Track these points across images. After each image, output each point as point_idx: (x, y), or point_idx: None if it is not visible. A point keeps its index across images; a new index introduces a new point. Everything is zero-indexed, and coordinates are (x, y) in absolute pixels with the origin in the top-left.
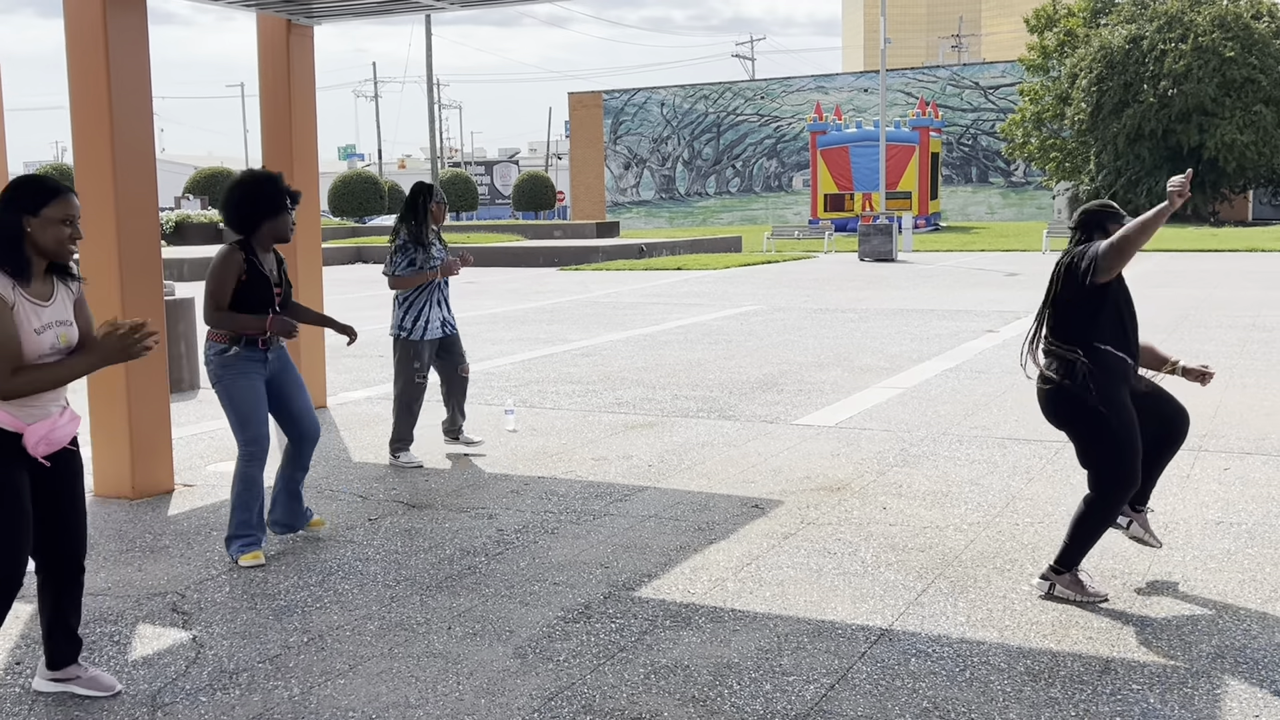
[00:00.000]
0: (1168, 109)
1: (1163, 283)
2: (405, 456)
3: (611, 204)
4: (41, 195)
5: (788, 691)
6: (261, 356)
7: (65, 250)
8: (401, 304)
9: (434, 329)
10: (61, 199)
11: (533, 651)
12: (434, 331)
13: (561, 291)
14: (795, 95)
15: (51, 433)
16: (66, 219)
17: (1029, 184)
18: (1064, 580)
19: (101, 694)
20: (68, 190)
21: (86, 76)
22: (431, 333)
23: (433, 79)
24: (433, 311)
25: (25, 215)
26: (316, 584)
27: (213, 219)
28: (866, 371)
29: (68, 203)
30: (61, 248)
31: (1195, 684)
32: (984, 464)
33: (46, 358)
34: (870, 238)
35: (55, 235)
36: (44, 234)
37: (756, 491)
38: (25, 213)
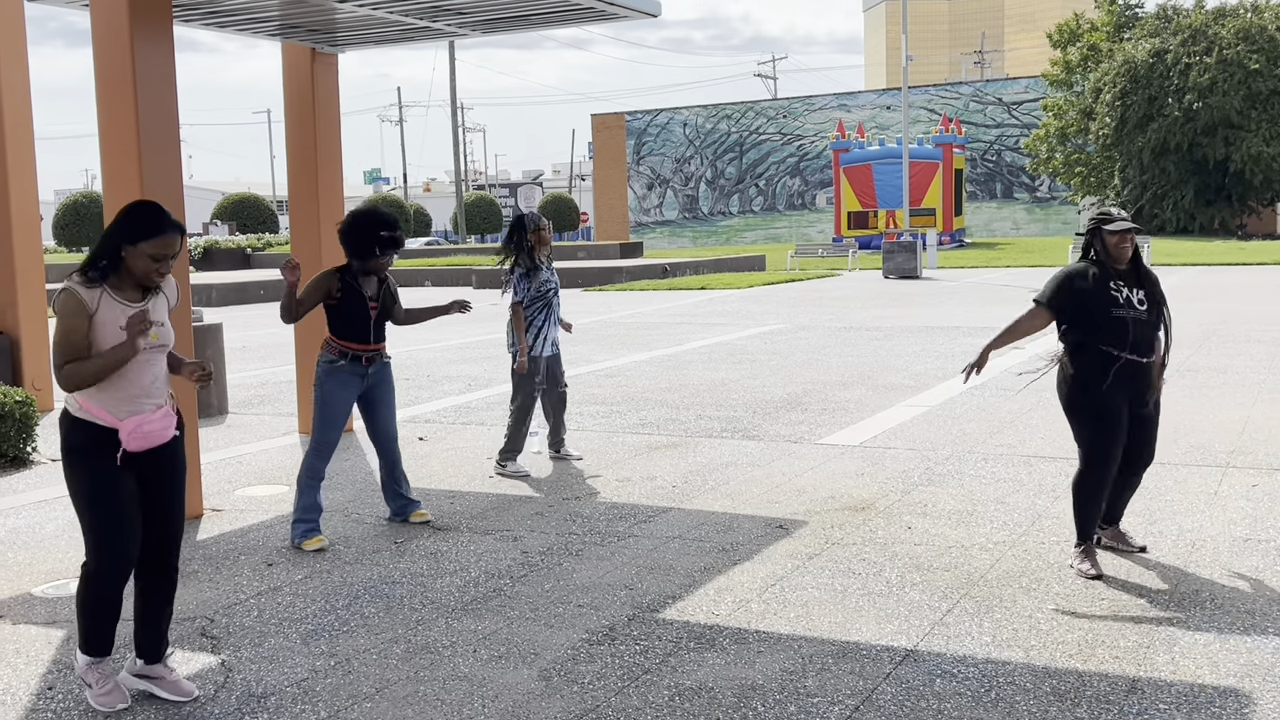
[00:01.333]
0: (1193, 122)
1: (1190, 297)
2: (513, 466)
3: (635, 224)
4: (141, 230)
5: (812, 713)
6: (361, 370)
7: (150, 281)
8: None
9: (548, 346)
10: (160, 239)
11: (558, 674)
12: (548, 349)
13: (585, 312)
14: (818, 113)
15: (142, 426)
16: (158, 256)
17: (1054, 199)
18: (1075, 553)
19: (180, 699)
20: (172, 230)
21: (115, 105)
22: (547, 349)
23: (456, 103)
24: (549, 330)
25: (124, 244)
26: (343, 607)
27: (240, 244)
28: (891, 390)
29: (164, 242)
30: (146, 279)
31: (1224, 703)
32: (1010, 482)
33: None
34: (894, 255)
35: (144, 267)
36: (135, 263)
37: (781, 512)
38: (125, 241)
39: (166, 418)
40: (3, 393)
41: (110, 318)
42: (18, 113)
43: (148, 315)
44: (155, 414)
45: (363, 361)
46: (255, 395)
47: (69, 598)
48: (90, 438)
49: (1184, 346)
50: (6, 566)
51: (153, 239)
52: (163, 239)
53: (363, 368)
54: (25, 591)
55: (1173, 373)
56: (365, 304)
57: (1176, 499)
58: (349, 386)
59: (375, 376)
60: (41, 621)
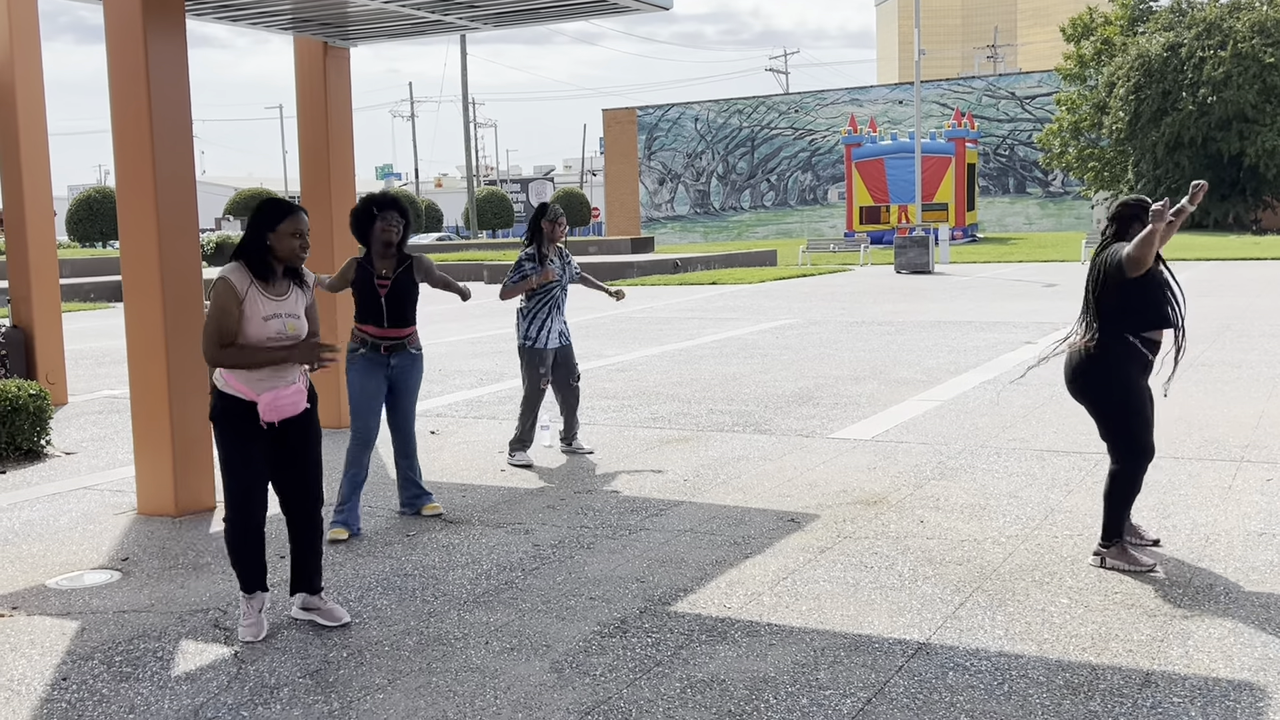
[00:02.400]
0: (1207, 116)
1: (1204, 291)
2: (520, 456)
3: (646, 219)
4: (277, 214)
5: (824, 706)
6: (383, 360)
7: (296, 258)
8: (526, 316)
9: (554, 339)
10: (293, 217)
11: (569, 666)
12: (554, 341)
13: (596, 307)
14: (829, 108)
15: (276, 400)
16: (296, 233)
17: (1067, 194)
18: (1111, 552)
19: (332, 624)
20: (299, 209)
21: (128, 101)
22: (552, 342)
23: (468, 98)
24: (554, 322)
25: (266, 231)
26: (355, 599)
27: None
28: (903, 384)
29: (297, 219)
30: (293, 256)
31: (1238, 696)
32: (1022, 476)
33: (271, 340)
34: (906, 250)
35: (288, 246)
36: (280, 245)
37: (792, 505)
38: (266, 229)
39: (299, 393)
40: (17, 386)
41: (256, 309)
42: (31, 108)
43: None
44: (288, 389)
45: (382, 350)
46: None
47: (84, 589)
48: (230, 408)
49: (1198, 341)
50: (21, 558)
51: (288, 218)
52: (295, 217)
53: (383, 357)
54: (39, 583)
55: (1187, 367)
56: (373, 282)
57: (1190, 493)
58: (371, 375)
59: (399, 369)
60: (55, 613)
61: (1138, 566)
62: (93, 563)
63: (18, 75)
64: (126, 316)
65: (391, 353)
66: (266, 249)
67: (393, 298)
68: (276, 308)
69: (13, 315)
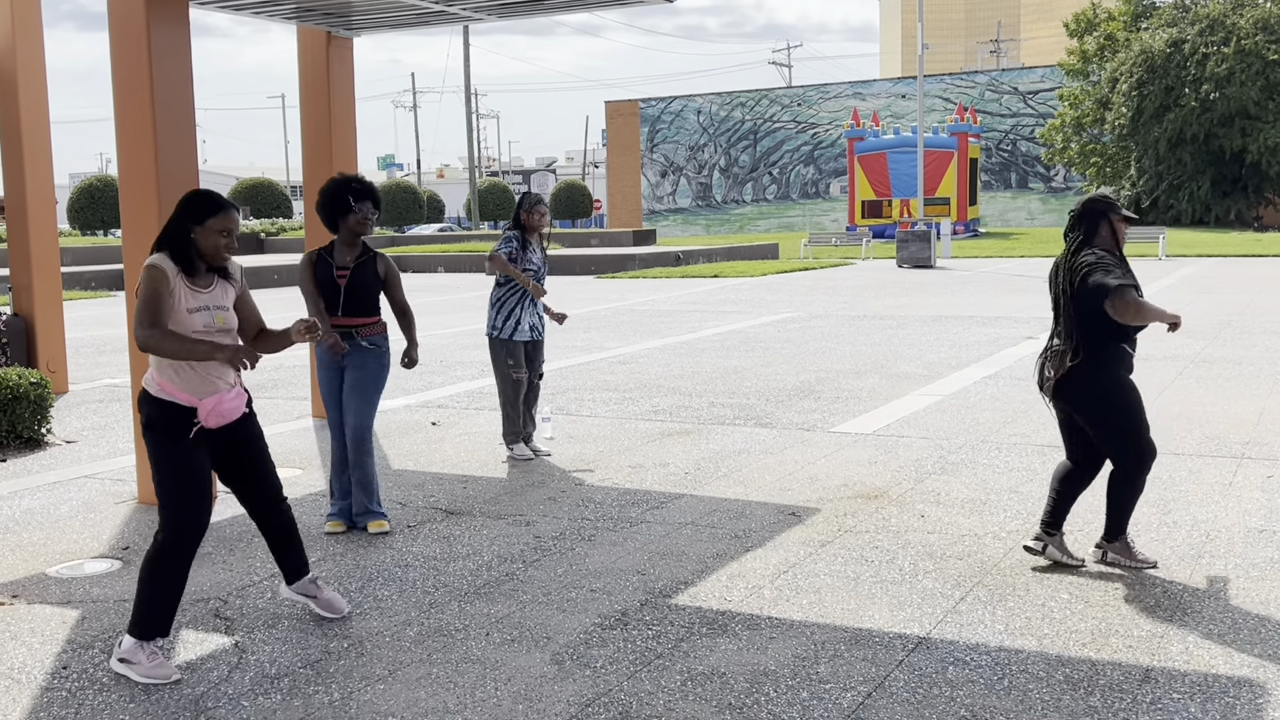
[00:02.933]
0: (1210, 113)
1: (1205, 288)
2: (517, 449)
3: (648, 212)
4: (206, 209)
5: (825, 699)
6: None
7: (219, 256)
8: (495, 305)
9: (523, 331)
10: (223, 214)
11: (570, 658)
12: (523, 334)
13: (598, 299)
14: (832, 102)
15: (220, 405)
16: (224, 230)
17: (1069, 189)
18: (1114, 547)
19: (331, 615)
20: (230, 206)
21: (131, 89)
22: (521, 334)
23: (471, 89)
24: (524, 315)
25: (192, 224)
26: (356, 590)
27: (254, 229)
28: (905, 379)
29: (228, 216)
30: (216, 254)
31: (1237, 693)
32: (1023, 472)
33: (198, 333)
34: (908, 244)
35: (213, 243)
36: (205, 241)
37: (793, 499)
38: (192, 222)
39: (239, 396)
40: (18, 374)
41: (182, 300)
42: (33, 96)
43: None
44: (230, 393)
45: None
46: (269, 379)
47: (84, 578)
48: (167, 414)
49: (1199, 338)
50: (22, 547)
51: (217, 215)
52: (226, 214)
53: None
54: (40, 572)
55: (1188, 364)
56: (333, 272)
57: (1191, 490)
58: (328, 366)
59: (349, 361)
60: (56, 601)
61: (1137, 562)
62: (93, 551)
63: (19, 63)
64: (128, 305)
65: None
66: (190, 243)
67: (351, 288)
68: (203, 300)
69: (14, 303)
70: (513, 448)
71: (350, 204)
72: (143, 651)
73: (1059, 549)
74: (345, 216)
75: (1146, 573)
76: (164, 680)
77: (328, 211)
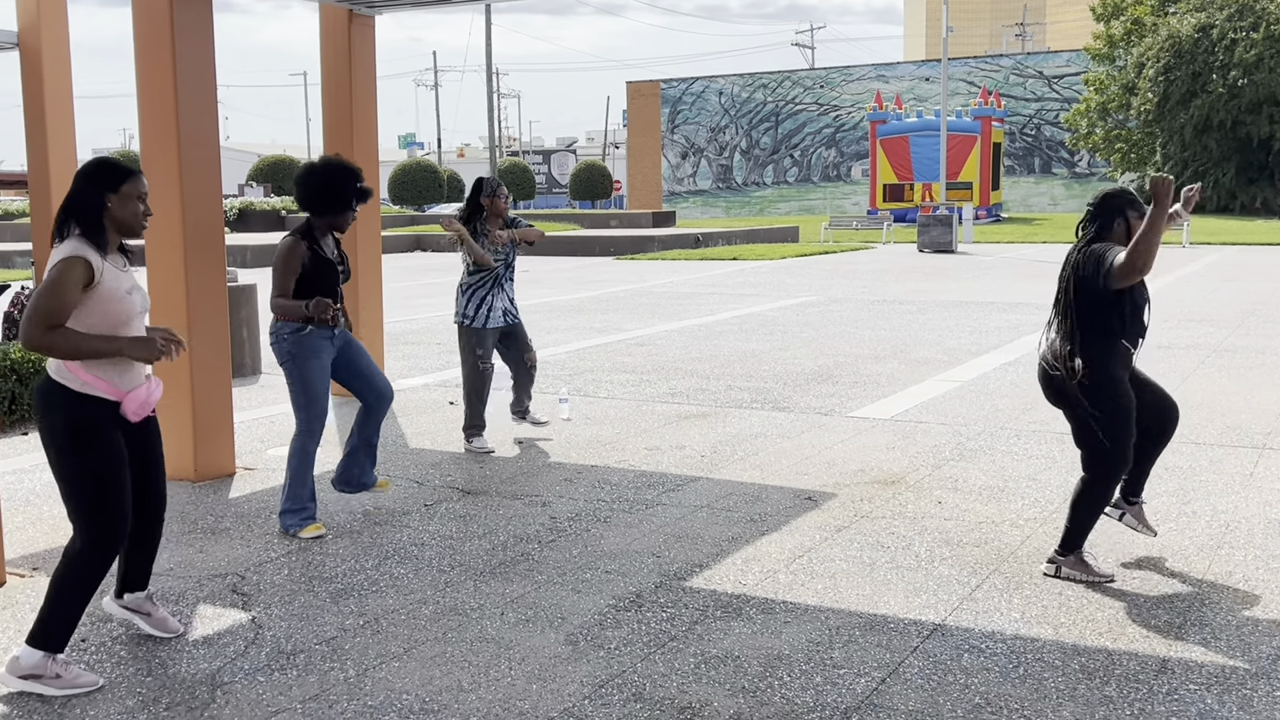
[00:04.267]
0: (1237, 99)
1: (1229, 276)
2: (477, 442)
3: (668, 193)
4: (119, 174)
5: (838, 684)
6: (330, 334)
7: (139, 225)
8: (465, 291)
9: (496, 318)
10: (135, 178)
11: (584, 639)
12: (496, 320)
13: (617, 281)
14: (855, 84)
15: (148, 398)
16: (141, 196)
17: (1093, 175)
18: (1068, 561)
19: (167, 635)
20: (139, 171)
21: (153, 65)
22: (494, 321)
23: (492, 68)
24: (496, 300)
25: (107, 192)
26: (373, 568)
27: (275, 206)
28: (924, 364)
29: (140, 181)
30: (136, 222)
31: (1255, 685)
32: (1042, 459)
33: (135, 317)
34: (930, 229)
35: (133, 211)
36: (123, 209)
37: (810, 484)
38: (107, 189)
39: (159, 387)
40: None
41: (114, 284)
42: (57, 71)
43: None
44: (153, 383)
45: (329, 324)
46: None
47: None
48: (95, 412)
49: (1222, 326)
50: (42, 520)
51: (130, 179)
52: (137, 179)
53: (329, 330)
54: (59, 545)
55: (1210, 353)
56: (334, 270)
57: (1211, 480)
58: (322, 354)
59: (342, 337)
60: None
61: (1095, 576)
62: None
63: (44, 38)
64: (149, 280)
65: (336, 324)
66: (105, 215)
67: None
68: (129, 279)
69: (35, 278)
70: (472, 441)
71: (353, 206)
72: (56, 665)
73: (1136, 518)
74: (341, 216)
75: (1165, 563)
76: (91, 687)
77: (327, 201)
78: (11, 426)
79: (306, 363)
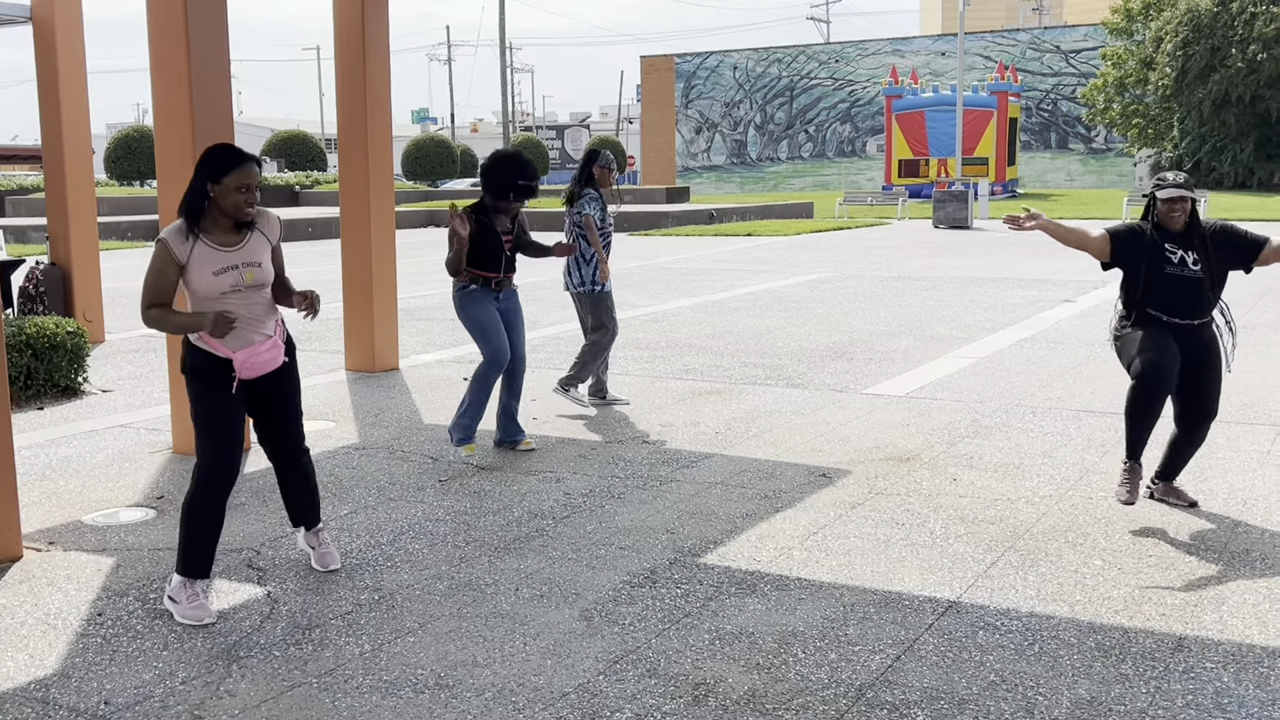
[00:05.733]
0: (1256, 74)
1: None
2: (574, 393)
3: (682, 169)
4: (222, 165)
5: (853, 661)
6: (493, 295)
7: (241, 213)
8: (589, 262)
9: (610, 282)
10: (239, 169)
11: (598, 615)
12: (610, 284)
13: (630, 257)
14: (871, 59)
15: (253, 357)
16: (243, 186)
17: (1110, 151)
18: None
19: (324, 569)
20: (248, 159)
21: (166, 40)
22: (609, 284)
23: (505, 43)
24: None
25: (209, 182)
26: (388, 543)
27: (289, 181)
28: (939, 341)
29: (245, 172)
30: (238, 211)
31: (1271, 663)
32: (1058, 436)
33: (226, 294)
34: (945, 204)
35: (233, 201)
36: (224, 199)
37: (824, 460)
38: (209, 180)
39: (275, 347)
40: (54, 324)
41: (204, 265)
42: (70, 46)
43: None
44: (264, 345)
45: (493, 285)
46: (302, 332)
47: (119, 526)
48: (206, 362)
49: (1239, 303)
50: (59, 494)
51: (234, 171)
52: (243, 169)
53: (494, 292)
54: (76, 519)
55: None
56: (500, 240)
57: (1228, 457)
58: (488, 302)
59: (506, 301)
60: (92, 549)
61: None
62: (128, 500)
63: (57, 13)
64: None
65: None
66: (209, 202)
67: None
68: (229, 259)
69: (51, 253)
70: (568, 390)
71: (510, 198)
72: (185, 590)
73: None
74: (499, 200)
75: (1181, 541)
76: (196, 622)
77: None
78: (27, 401)
79: (474, 309)
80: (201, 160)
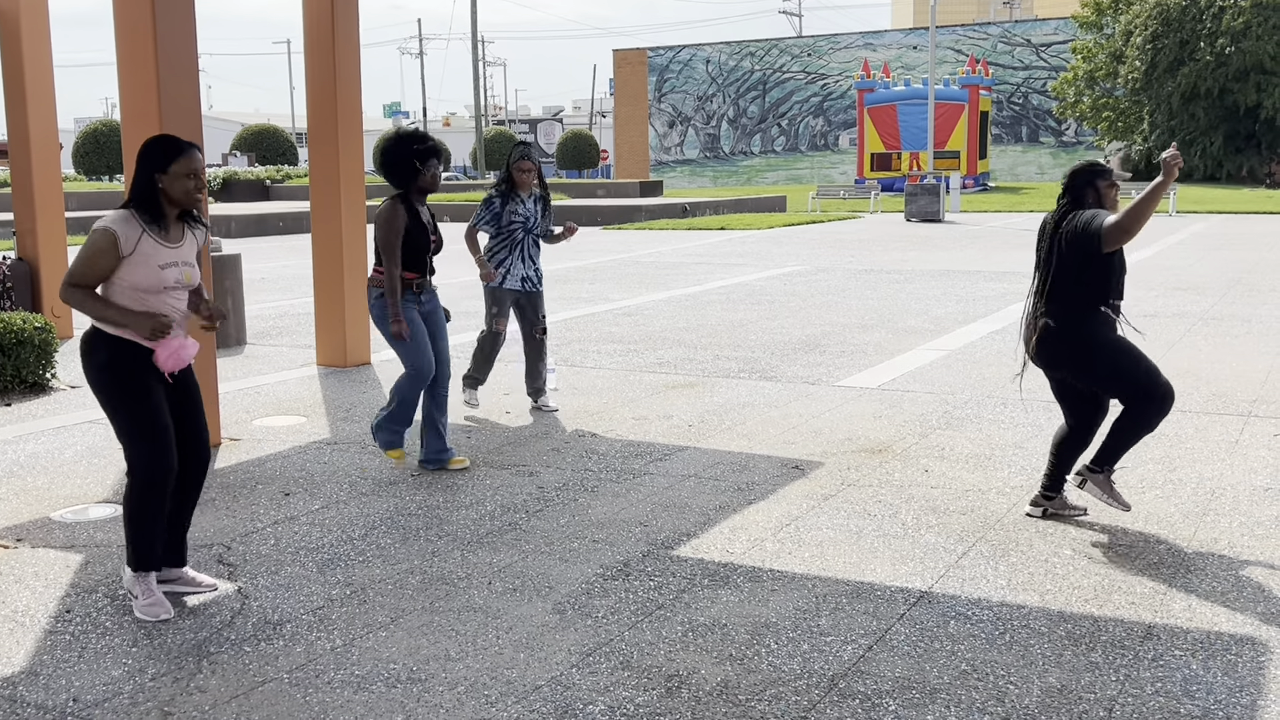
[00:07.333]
0: (1225, 67)
1: (1216, 245)
2: (468, 394)
3: (655, 163)
4: (169, 153)
5: (825, 652)
6: (414, 298)
7: (191, 199)
8: (486, 254)
9: (513, 280)
10: (185, 156)
11: (571, 608)
12: (513, 282)
13: (604, 250)
14: (843, 52)
15: (180, 350)
16: (190, 173)
17: (1080, 144)
18: (1098, 479)
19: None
20: (191, 147)
21: (133, 33)
22: (510, 283)
23: (477, 36)
24: (515, 265)
25: (156, 172)
26: (359, 538)
27: (259, 176)
28: (910, 333)
29: (191, 158)
30: (188, 198)
31: (1239, 650)
32: (1028, 427)
33: (171, 289)
34: (917, 198)
35: (182, 188)
36: (173, 187)
37: (797, 452)
38: (156, 170)
39: (193, 344)
40: (22, 319)
41: (149, 258)
42: (36, 39)
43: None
44: (188, 340)
45: (414, 289)
46: (273, 326)
47: (87, 523)
48: (129, 352)
49: (1208, 294)
50: (26, 491)
51: (179, 159)
52: (187, 156)
53: (414, 295)
54: (44, 516)
55: (1196, 321)
56: (427, 236)
57: (1197, 447)
58: (410, 308)
59: (428, 304)
60: (60, 546)
61: (1114, 501)
62: (97, 496)
63: (22, 6)
64: None
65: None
66: (158, 192)
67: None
68: (173, 255)
69: (18, 248)
70: (464, 392)
71: (418, 167)
72: (139, 584)
73: (1060, 508)
74: (417, 179)
75: (1150, 530)
76: (154, 619)
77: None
78: None
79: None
80: (143, 153)
